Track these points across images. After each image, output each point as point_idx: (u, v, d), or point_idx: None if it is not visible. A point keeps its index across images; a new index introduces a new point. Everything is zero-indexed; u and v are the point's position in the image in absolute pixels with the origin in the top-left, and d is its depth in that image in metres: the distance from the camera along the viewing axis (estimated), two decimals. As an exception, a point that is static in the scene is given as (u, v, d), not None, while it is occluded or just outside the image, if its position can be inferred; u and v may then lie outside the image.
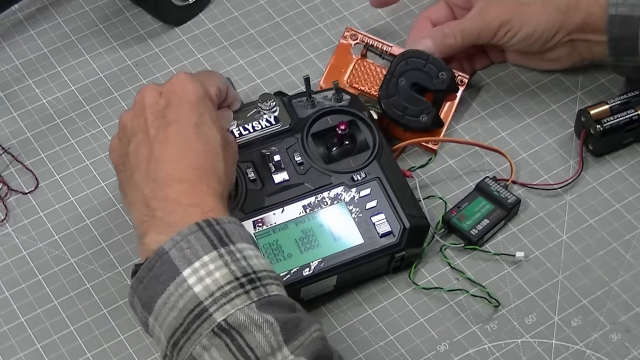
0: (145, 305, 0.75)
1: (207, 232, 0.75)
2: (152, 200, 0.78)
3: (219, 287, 0.73)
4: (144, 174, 0.79)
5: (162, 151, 0.79)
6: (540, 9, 0.98)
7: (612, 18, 0.97)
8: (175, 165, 0.79)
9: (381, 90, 0.99)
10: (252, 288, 0.74)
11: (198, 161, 0.79)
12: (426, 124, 0.99)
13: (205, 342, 0.72)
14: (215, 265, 0.74)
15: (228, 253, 0.75)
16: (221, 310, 0.72)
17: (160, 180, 0.78)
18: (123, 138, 0.82)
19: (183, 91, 0.82)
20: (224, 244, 0.75)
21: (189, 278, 0.73)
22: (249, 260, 0.75)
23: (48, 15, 1.12)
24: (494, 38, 1.00)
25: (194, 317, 0.73)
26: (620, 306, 0.91)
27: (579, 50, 1.02)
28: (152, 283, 0.75)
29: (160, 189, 0.78)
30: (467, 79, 1.02)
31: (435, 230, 0.94)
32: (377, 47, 1.02)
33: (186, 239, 0.75)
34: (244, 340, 0.72)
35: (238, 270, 0.74)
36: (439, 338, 0.89)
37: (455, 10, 1.04)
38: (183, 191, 0.78)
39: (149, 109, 0.81)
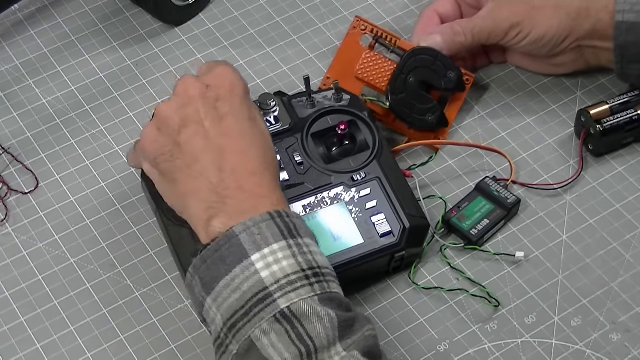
0: (205, 285, 0.76)
1: (278, 222, 0.77)
2: (223, 189, 0.78)
3: (286, 275, 0.74)
4: (208, 164, 0.79)
5: (224, 142, 0.80)
6: (552, 14, 0.98)
7: (618, 25, 0.97)
8: (243, 158, 0.79)
9: (390, 86, 0.98)
10: (316, 281, 0.75)
11: (261, 154, 0.81)
12: (432, 123, 0.99)
13: (265, 327, 0.73)
14: (284, 255, 0.75)
15: (296, 245, 0.76)
16: (285, 298, 0.74)
17: (230, 171, 0.79)
18: (165, 129, 0.81)
19: (231, 85, 0.82)
20: (293, 236, 0.77)
21: (257, 262, 0.75)
22: (315, 255, 0.77)
23: (48, 15, 1.12)
24: (504, 39, 1.00)
25: (258, 301, 0.74)
26: (620, 306, 0.91)
27: (585, 57, 1.02)
28: (217, 264, 0.75)
29: (232, 180, 0.78)
30: (472, 78, 1.02)
31: (435, 230, 0.94)
32: (387, 40, 1.01)
33: (258, 226, 0.76)
34: (304, 329, 0.73)
35: (304, 263, 0.76)
36: (439, 338, 0.89)
37: (463, 7, 1.04)
38: (255, 183, 0.79)
39: (199, 101, 0.81)
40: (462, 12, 1.04)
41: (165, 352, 0.88)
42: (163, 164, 0.82)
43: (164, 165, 0.82)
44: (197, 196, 0.79)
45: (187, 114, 0.81)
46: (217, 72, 0.83)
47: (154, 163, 0.83)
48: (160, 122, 0.82)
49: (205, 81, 0.82)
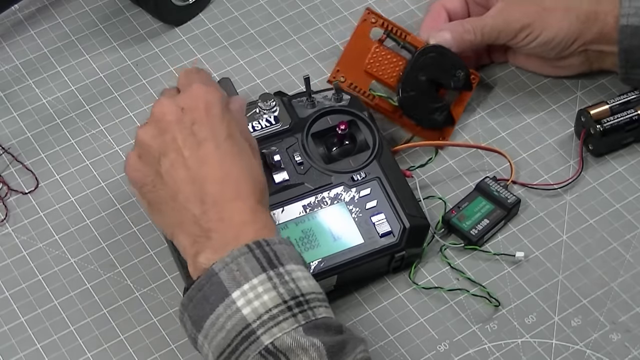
0: (195, 323, 0.76)
1: (257, 253, 0.75)
2: (205, 221, 0.77)
3: (267, 310, 0.73)
4: (191, 196, 0.78)
5: (203, 172, 0.78)
6: (563, 16, 0.98)
7: (623, 28, 0.97)
8: (222, 186, 0.78)
9: (402, 83, 0.98)
10: (299, 311, 0.74)
11: (242, 176, 0.79)
12: (439, 122, 0.99)
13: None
14: (264, 288, 0.74)
15: (277, 275, 0.75)
16: (268, 334, 0.73)
17: (212, 201, 0.77)
18: (146, 157, 0.80)
19: (205, 105, 0.80)
20: (273, 266, 0.75)
21: (237, 300, 0.74)
22: (298, 282, 0.75)
23: (48, 15, 1.12)
24: (513, 39, 1.00)
25: (242, 339, 0.73)
26: (620, 306, 0.91)
27: (590, 60, 1.02)
28: (202, 303, 0.75)
29: (212, 210, 0.77)
30: (478, 78, 1.02)
31: (435, 230, 0.94)
32: (397, 34, 1.00)
33: (236, 261, 0.75)
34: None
35: (286, 293, 0.74)
36: (439, 338, 0.89)
37: (470, 5, 1.04)
38: (235, 209, 0.78)
39: (175, 127, 0.79)
40: (469, 10, 1.04)
41: (165, 352, 0.88)
42: (148, 194, 0.81)
43: (149, 195, 0.81)
44: (182, 229, 0.79)
45: (166, 142, 0.79)
46: (192, 93, 0.81)
47: (140, 192, 0.82)
48: (140, 149, 0.81)
49: (180, 104, 0.80)
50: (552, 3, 0.99)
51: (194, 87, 0.81)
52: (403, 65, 0.99)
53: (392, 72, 1.00)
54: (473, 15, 1.03)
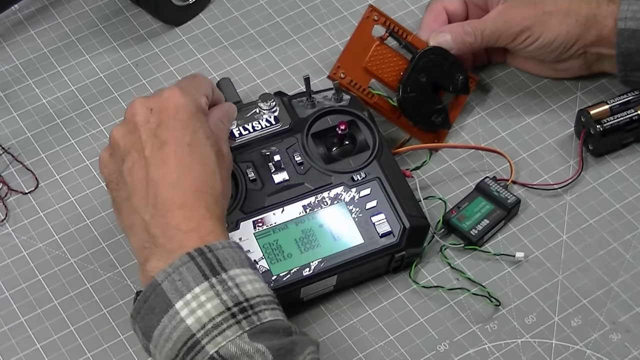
0: (144, 334, 0.76)
1: (199, 261, 0.75)
2: (153, 227, 0.77)
3: (211, 319, 0.73)
4: (143, 199, 0.78)
5: (159, 174, 0.78)
6: (562, 20, 0.98)
7: (620, 32, 0.97)
8: (174, 190, 0.78)
9: (402, 84, 0.98)
10: (243, 317, 0.74)
11: (196, 183, 0.79)
12: (437, 124, 0.99)
13: None
14: (207, 297, 0.74)
15: (219, 282, 0.74)
16: (213, 342, 0.73)
17: (160, 206, 0.77)
18: (115, 155, 0.81)
19: (174, 108, 0.80)
20: (216, 273, 0.75)
21: (181, 310, 0.74)
22: (242, 287, 0.75)
23: (48, 15, 1.12)
24: (512, 42, 1.00)
25: (188, 349, 0.73)
26: (620, 306, 0.91)
27: (589, 63, 1.02)
28: (149, 314, 0.75)
29: (160, 215, 0.77)
30: (475, 82, 1.02)
31: (435, 230, 0.94)
32: (399, 34, 1.00)
33: (177, 271, 0.74)
34: None
35: (229, 300, 0.74)
36: (439, 338, 0.89)
37: (470, 6, 1.04)
38: (182, 216, 0.77)
39: (141, 127, 0.80)
40: (468, 12, 1.04)
41: (165, 352, 0.88)
42: (112, 192, 0.82)
43: (112, 193, 0.82)
44: (134, 233, 0.79)
45: (131, 141, 0.80)
46: (163, 95, 0.81)
47: (108, 189, 0.83)
48: (111, 147, 0.82)
49: (150, 105, 0.81)
50: (552, 6, 0.99)
51: (167, 90, 0.81)
52: (403, 65, 0.99)
53: (392, 71, 0.99)
54: (472, 18, 1.03)
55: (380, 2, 1.12)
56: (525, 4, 0.99)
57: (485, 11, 1.02)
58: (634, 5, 0.97)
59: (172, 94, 0.81)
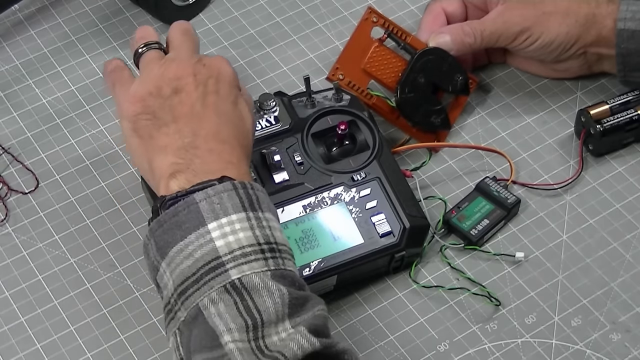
0: (160, 248, 0.76)
1: (241, 193, 0.76)
2: (194, 148, 0.79)
3: (241, 247, 0.74)
4: (184, 126, 0.80)
5: (205, 112, 0.81)
6: (562, 20, 0.98)
7: (620, 32, 0.97)
8: (219, 128, 0.80)
9: (400, 84, 0.98)
10: (271, 257, 0.75)
11: (235, 132, 0.81)
12: (436, 125, 0.99)
13: (214, 296, 0.72)
14: (241, 226, 0.75)
15: (256, 218, 0.76)
16: (237, 269, 0.73)
17: (204, 135, 0.79)
18: (157, 93, 0.82)
19: (224, 70, 0.84)
20: (254, 209, 0.76)
21: (213, 231, 0.74)
22: (274, 231, 0.76)
23: (48, 15, 1.12)
24: (512, 43, 1.00)
25: (209, 269, 0.73)
26: (620, 306, 0.91)
27: (589, 63, 1.02)
28: (173, 229, 0.75)
29: (203, 141, 0.79)
30: (475, 83, 1.02)
31: (435, 230, 0.94)
32: (398, 35, 1.00)
33: (219, 195, 0.75)
34: (253, 302, 0.72)
35: (262, 237, 0.75)
36: (439, 338, 0.89)
37: (469, 7, 1.04)
38: (225, 150, 0.79)
39: (193, 76, 0.82)
40: (467, 13, 1.04)
41: (166, 352, 0.88)
42: (141, 121, 0.82)
43: (142, 122, 0.82)
44: (165, 151, 0.80)
45: (181, 84, 0.82)
46: (213, 58, 0.85)
47: (132, 119, 0.82)
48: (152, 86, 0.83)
49: (202, 61, 0.84)
50: (552, 6, 0.99)
51: (216, 56, 0.85)
52: (402, 67, 0.99)
53: (390, 72, 0.99)
54: (471, 18, 1.03)
55: (380, 2, 1.12)
56: (524, 5, 0.99)
57: (485, 12, 1.02)
58: (634, 5, 0.97)
59: (219, 60, 0.85)
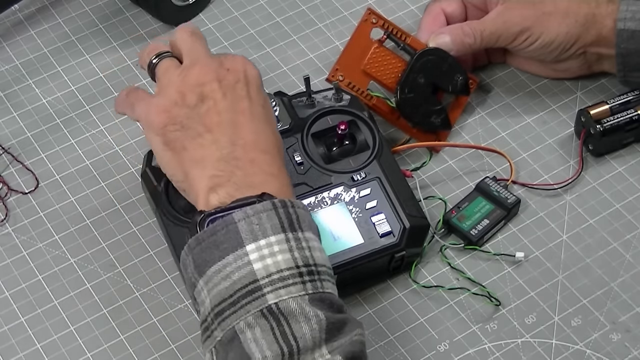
0: (198, 267, 0.75)
1: (280, 213, 0.75)
2: (235, 159, 0.78)
3: (279, 270, 0.73)
4: (220, 136, 0.79)
5: (239, 120, 0.79)
6: (561, 20, 0.98)
7: (620, 32, 0.97)
8: (256, 137, 0.79)
9: (400, 85, 0.98)
10: (309, 280, 0.74)
11: (274, 140, 0.81)
12: (436, 125, 0.99)
13: (250, 320, 0.72)
14: (280, 248, 0.74)
15: (295, 239, 0.75)
16: (275, 293, 0.72)
17: (242, 145, 0.78)
18: (183, 102, 0.80)
19: (250, 73, 0.82)
20: (294, 229, 0.75)
21: (251, 253, 0.73)
22: (313, 251, 0.75)
23: (48, 15, 1.12)
24: (512, 43, 1.00)
25: (247, 292, 0.73)
26: (620, 306, 0.91)
27: (589, 63, 1.02)
28: (211, 248, 0.74)
29: (244, 152, 0.78)
30: (476, 83, 1.02)
31: (435, 230, 0.94)
32: (398, 36, 1.00)
33: (258, 215, 0.74)
34: (290, 328, 0.72)
35: (300, 259, 0.74)
36: (439, 338, 0.89)
37: (469, 7, 1.04)
38: (266, 160, 0.79)
39: (217, 82, 0.81)
40: (467, 13, 1.04)
41: (165, 352, 0.88)
42: (172, 133, 0.80)
43: (172, 134, 0.80)
44: (204, 164, 0.79)
45: (206, 91, 0.80)
46: (235, 59, 0.83)
47: (161, 132, 0.81)
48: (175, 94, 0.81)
49: (226, 65, 0.82)
50: (551, 6, 0.99)
51: (237, 56, 0.83)
52: (402, 67, 0.99)
53: (390, 73, 1.00)
54: (470, 19, 1.03)
55: (380, 2, 1.12)
56: (524, 5, 1.00)
57: (484, 12, 1.02)
58: (633, 5, 0.97)
59: (243, 60, 0.83)
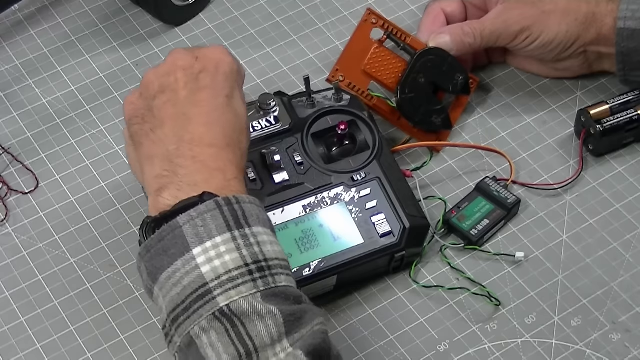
0: (150, 274, 0.75)
1: (225, 211, 0.74)
2: (178, 157, 0.77)
3: (227, 271, 0.72)
4: (169, 130, 0.79)
5: (193, 112, 0.79)
6: (561, 19, 0.99)
7: (620, 31, 0.97)
8: (206, 130, 0.79)
9: (400, 85, 0.98)
10: (260, 277, 0.73)
11: (227, 131, 0.80)
12: (437, 125, 0.99)
13: (204, 324, 0.72)
14: (227, 248, 0.73)
15: (242, 237, 0.74)
16: (225, 295, 0.72)
17: (189, 140, 0.78)
18: (146, 93, 0.81)
19: (220, 61, 0.82)
20: (240, 226, 0.74)
21: (198, 257, 0.73)
22: (263, 246, 0.74)
23: (48, 15, 1.12)
24: (512, 42, 1.00)
25: (197, 297, 0.72)
26: (620, 306, 0.91)
27: (589, 62, 1.02)
28: (160, 254, 0.74)
29: (188, 148, 0.78)
30: (476, 83, 1.02)
31: (435, 230, 0.94)
32: (398, 36, 1.00)
33: (202, 217, 0.74)
34: (245, 328, 0.71)
35: (249, 256, 0.73)
36: (439, 338, 0.89)
37: (469, 7, 1.04)
38: (210, 154, 0.78)
39: (182, 70, 0.81)
40: (467, 13, 1.04)
41: (165, 352, 0.88)
42: (133, 127, 0.82)
43: (134, 127, 0.82)
44: (153, 162, 0.79)
45: (168, 81, 0.81)
46: (210, 48, 0.83)
47: (128, 125, 0.83)
48: (142, 86, 0.82)
49: (195, 54, 0.82)
50: (551, 5, 0.99)
51: (213, 46, 0.84)
52: (402, 67, 0.99)
53: (390, 73, 1.00)
54: (470, 18, 1.03)
55: (380, 2, 1.12)
56: (524, 4, 1.00)
57: (484, 12, 1.02)
58: (634, 4, 0.97)
59: (219, 49, 0.83)
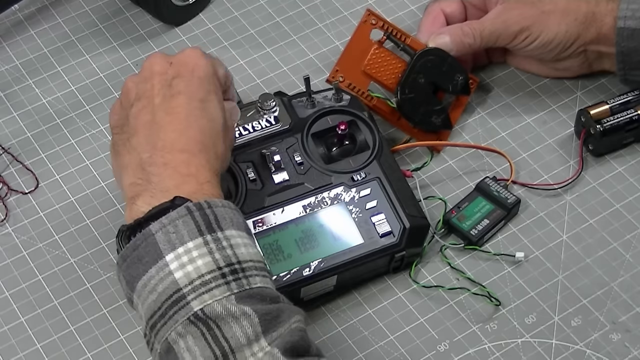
0: (128, 283, 0.76)
1: (196, 216, 0.75)
2: (150, 165, 0.78)
3: (200, 276, 0.73)
4: (143, 139, 0.79)
5: (165, 120, 0.80)
6: (561, 19, 0.99)
7: (620, 31, 0.97)
8: (178, 136, 0.79)
9: (400, 85, 0.98)
10: (233, 279, 0.73)
11: (200, 136, 0.80)
12: (437, 125, 0.99)
13: (180, 329, 0.72)
14: (199, 253, 0.74)
15: (214, 240, 0.74)
16: (199, 300, 0.72)
17: (161, 147, 0.78)
18: (125, 102, 0.83)
19: (194, 65, 0.82)
20: (212, 230, 0.74)
21: (171, 263, 0.73)
22: (236, 249, 0.75)
23: (48, 15, 1.12)
24: (512, 42, 1.00)
25: (172, 303, 0.73)
26: (620, 306, 0.91)
27: (589, 62, 1.02)
28: (135, 263, 0.75)
29: (159, 155, 0.78)
30: (476, 83, 1.02)
31: (435, 230, 0.94)
32: (397, 37, 1.00)
33: (173, 223, 0.74)
34: (220, 331, 0.71)
35: (222, 260, 0.74)
36: (439, 338, 0.89)
37: (468, 8, 1.04)
38: (182, 160, 0.78)
39: (157, 77, 0.81)
40: (466, 13, 1.04)
41: (165, 352, 0.88)
42: (114, 137, 0.83)
43: (114, 137, 0.83)
44: (127, 171, 0.79)
45: (145, 88, 0.81)
46: (185, 52, 0.84)
47: (112, 133, 0.84)
48: (122, 94, 0.83)
49: (170, 59, 0.83)
50: (551, 5, 0.99)
51: (189, 49, 0.84)
52: (402, 68, 0.99)
53: (390, 74, 1.00)
54: (470, 19, 1.03)
55: (380, 3, 1.12)
56: (523, 4, 1.00)
57: (484, 12, 1.02)
58: (634, 4, 0.97)
59: (194, 53, 0.83)
